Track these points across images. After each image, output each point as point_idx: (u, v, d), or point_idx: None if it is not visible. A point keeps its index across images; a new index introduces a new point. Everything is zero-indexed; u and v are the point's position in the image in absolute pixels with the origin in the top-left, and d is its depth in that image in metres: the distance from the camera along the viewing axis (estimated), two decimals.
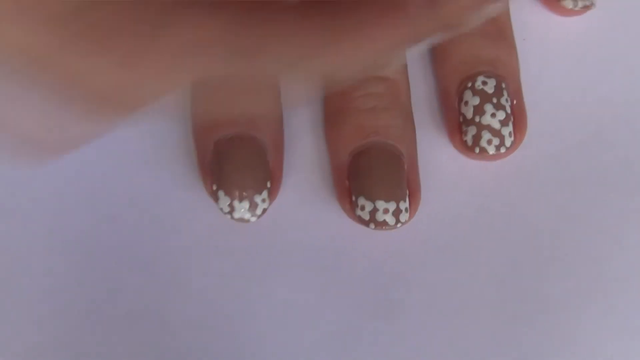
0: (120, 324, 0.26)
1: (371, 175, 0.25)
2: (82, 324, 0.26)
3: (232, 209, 0.25)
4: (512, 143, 0.26)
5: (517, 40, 0.28)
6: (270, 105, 0.27)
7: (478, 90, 0.26)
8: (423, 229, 0.27)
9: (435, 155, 0.28)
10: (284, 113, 0.28)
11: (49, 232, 0.27)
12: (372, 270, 0.27)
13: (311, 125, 0.28)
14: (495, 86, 0.26)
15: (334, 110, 0.27)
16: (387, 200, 0.25)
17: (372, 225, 0.25)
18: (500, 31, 0.27)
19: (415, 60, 0.29)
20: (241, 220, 0.25)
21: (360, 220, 0.26)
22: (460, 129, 0.27)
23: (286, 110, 0.28)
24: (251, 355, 0.26)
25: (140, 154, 0.27)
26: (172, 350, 0.26)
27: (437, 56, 0.28)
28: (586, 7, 0.28)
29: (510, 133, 0.26)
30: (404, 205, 0.25)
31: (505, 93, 0.26)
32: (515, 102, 0.27)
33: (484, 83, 0.26)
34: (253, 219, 0.25)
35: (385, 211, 0.25)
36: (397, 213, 0.25)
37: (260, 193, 0.25)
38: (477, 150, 0.26)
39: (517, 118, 0.27)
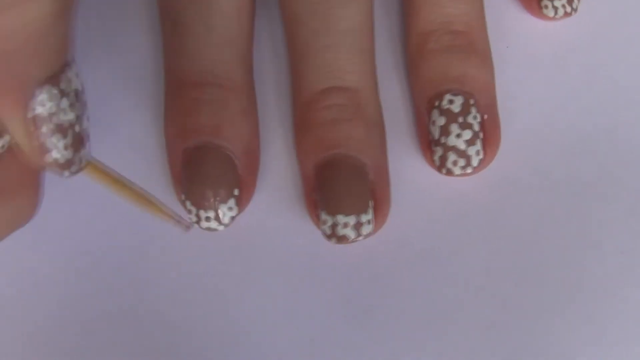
0: (100, 324, 0.27)
1: (331, 189, 0.25)
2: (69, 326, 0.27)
3: (198, 218, 0.25)
4: (481, 161, 0.26)
5: (500, 47, 0.28)
6: (240, 114, 0.26)
7: (444, 110, 0.26)
8: (398, 235, 0.27)
9: (413, 161, 0.28)
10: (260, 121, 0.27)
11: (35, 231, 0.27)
12: (347, 276, 0.27)
13: (287, 133, 0.28)
14: (462, 104, 0.26)
15: (299, 122, 0.27)
16: (346, 214, 0.25)
17: (333, 240, 0.25)
18: (470, 43, 0.27)
19: (392, 69, 0.28)
20: (209, 229, 0.25)
21: (324, 234, 0.25)
22: (431, 147, 0.26)
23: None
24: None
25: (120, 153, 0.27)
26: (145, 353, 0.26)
27: (410, 71, 0.28)
28: (567, 14, 0.28)
29: (478, 151, 0.26)
30: (365, 217, 0.25)
31: (473, 110, 0.26)
32: (486, 116, 0.26)
33: (451, 102, 0.26)
34: (220, 227, 0.25)
35: (345, 225, 0.25)
36: (357, 226, 0.25)
37: (225, 202, 0.25)
38: (443, 171, 0.26)
39: (489, 132, 0.26)
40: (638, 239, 0.27)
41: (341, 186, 0.25)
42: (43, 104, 0.18)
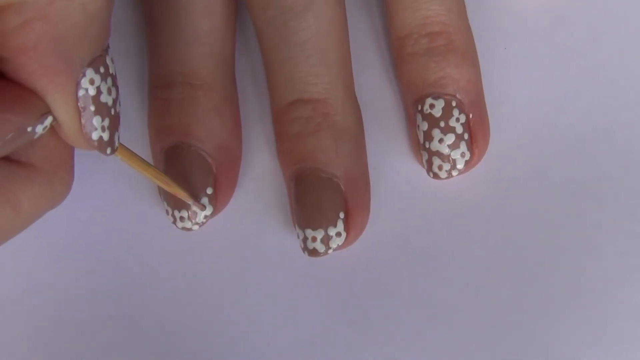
0: (100, 325, 0.27)
1: (299, 203, 0.25)
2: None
3: (174, 218, 0.26)
4: (467, 161, 0.26)
5: (498, 49, 0.28)
6: (211, 111, 0.26)
7: (426, 115, 0.26)
8: (396, 235, 0.27)
9: (412, 161, 0.28)
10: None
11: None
12: (345, 277, 0.27)
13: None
14: (443, 108, 0.25)
15: (275, 133, 0.27)
16: (313, 229, 0.25)
17: (306, 253, 0.25)
18: (448, 43, 0.26)
19: (390, 67, 0.28)
20: (185, 229, 0.26)
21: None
22: (420, 150, 0.26)
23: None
24: None
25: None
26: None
27: (395, 74, 0.28)
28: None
29: (463, 154, 0.25)
30: (333, 230, 0.25)
31: (455, 112, 0.25)
32: (471, 115, 0.26)
33: (432, 106, 0.25)
34: (195, 227, 0.26)
35: (314, 239, 0.25)
36: (326, 240, 0.25)
37: (196, 202, 0.25)
38: (430, 175, 0.26)
39: (475, 130, 0.26)
40: (637, 240, 0.27)
41: (307, 200, 0.25)
42: (90, 84, 0.19)
